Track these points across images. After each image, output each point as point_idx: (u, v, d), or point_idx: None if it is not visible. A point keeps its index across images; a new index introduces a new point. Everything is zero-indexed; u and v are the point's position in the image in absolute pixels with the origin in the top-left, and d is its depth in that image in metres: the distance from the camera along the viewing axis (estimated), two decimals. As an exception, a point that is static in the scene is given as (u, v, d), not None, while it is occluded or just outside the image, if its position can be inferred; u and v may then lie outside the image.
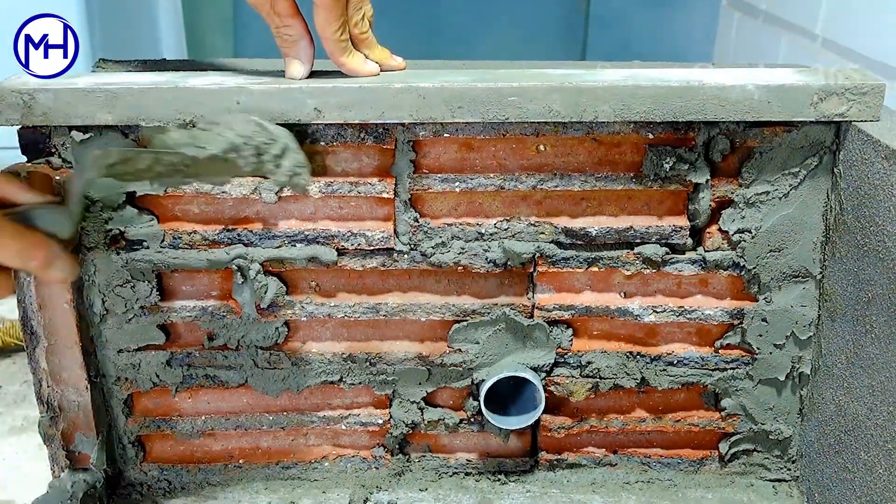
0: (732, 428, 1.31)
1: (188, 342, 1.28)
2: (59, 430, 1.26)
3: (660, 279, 1.25)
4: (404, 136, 1.16)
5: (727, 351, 1.27)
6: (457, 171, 1.18)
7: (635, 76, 1.14)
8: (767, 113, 1.12)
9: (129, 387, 1.28)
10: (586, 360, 1.28)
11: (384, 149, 1.17)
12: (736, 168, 1.18)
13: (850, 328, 1.14)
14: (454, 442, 1.36)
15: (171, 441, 1.34)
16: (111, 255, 1.20)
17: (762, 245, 1.20)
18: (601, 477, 1.35)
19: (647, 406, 1.32)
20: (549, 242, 1.21)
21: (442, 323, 1.27)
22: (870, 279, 1.08)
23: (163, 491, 1.34)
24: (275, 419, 1.32)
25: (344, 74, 1.15)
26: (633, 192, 1.20)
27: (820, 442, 1.25)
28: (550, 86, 1.11)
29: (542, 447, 1.35)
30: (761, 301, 1.23)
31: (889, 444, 1.05)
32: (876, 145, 1.06)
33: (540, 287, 1.25)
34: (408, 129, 1.16)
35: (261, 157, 1.05)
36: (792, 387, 1.28)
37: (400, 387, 1.30)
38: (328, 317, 1.26)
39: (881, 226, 1.05)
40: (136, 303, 1.23)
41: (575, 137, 1.17)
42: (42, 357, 1.22)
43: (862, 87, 1.11)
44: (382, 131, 1.16)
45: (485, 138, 1.16)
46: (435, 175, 1.18)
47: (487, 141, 1.17)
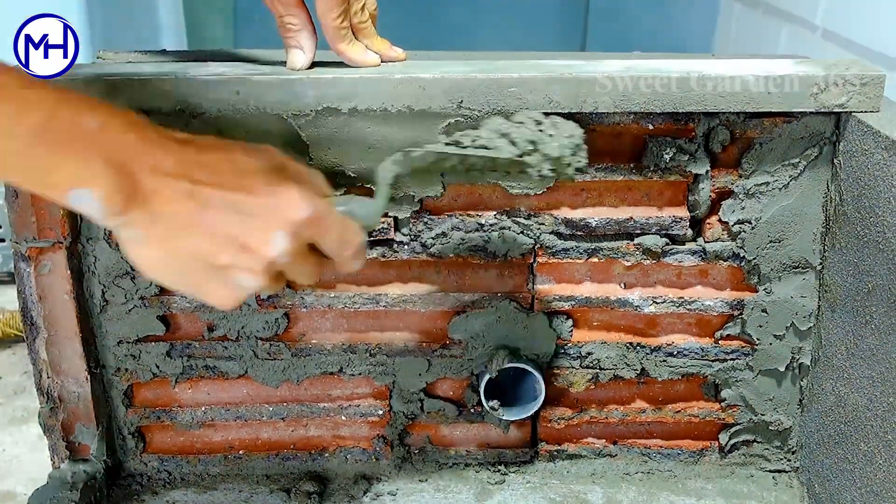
0: (732, 419, 1.31)
1: (188, 333, 1.28)
2: (59, 420, 1.26)
3: (660, 270, 1.25)
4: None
5: (727, 342, 1.27)
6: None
7: (635, 67, 1.14)
8: (767, 104, 1.12)
9: (129, 377, 1.28)
10: (586, 350, 1.28)
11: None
12: (736, 159, 1.18)
13: (850, 319, 1.14)
14: (454, 433, 1.36)
15: (171, 432, 1.34)
16: (111, 246, 1.20)
17: (762, 236, 1.20)
18: (601, 468, 1.36)
19: (647, 397, 1.32)
20: (549, 233, 1.21)
21: (442, 314, 1.27)
22: (870, 270, 1.08)
23: (163, 482, 1.34)
24: (275, 410, 1.32)
25: (345, 65, 1.15)
26: (633, 183, 1.20)
27: (820, 433, 1.25)
28: (550, 76, 1.11)
29: (542, 438, 1.35)
30: (761, 292, 1.23)
31: (889, 434, 1.05)
32: (876, 136, 1.06)
33: (540, 278, 1.25)
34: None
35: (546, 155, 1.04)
36: (792, 378, 1.28)
37: (400, 378, 1.30)
38: (328, 307, 1.26)
39: (881, 216, 1.05)
40: (136, 293, 1.23)
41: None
42: (42, 348, 1.22)
43: (862, 77, 1.11)
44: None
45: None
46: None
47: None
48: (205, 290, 0.88)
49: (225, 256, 0.86)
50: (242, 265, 0.86)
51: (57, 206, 1.15)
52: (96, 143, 0.79)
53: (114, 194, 0.80)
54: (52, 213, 1.16)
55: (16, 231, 1.17)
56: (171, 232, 0.84)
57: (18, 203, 1.15)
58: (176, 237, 0.84)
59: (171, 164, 0.83)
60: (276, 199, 0.87)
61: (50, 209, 1.16)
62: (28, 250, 1.17)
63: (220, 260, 0.86)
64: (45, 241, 1.17)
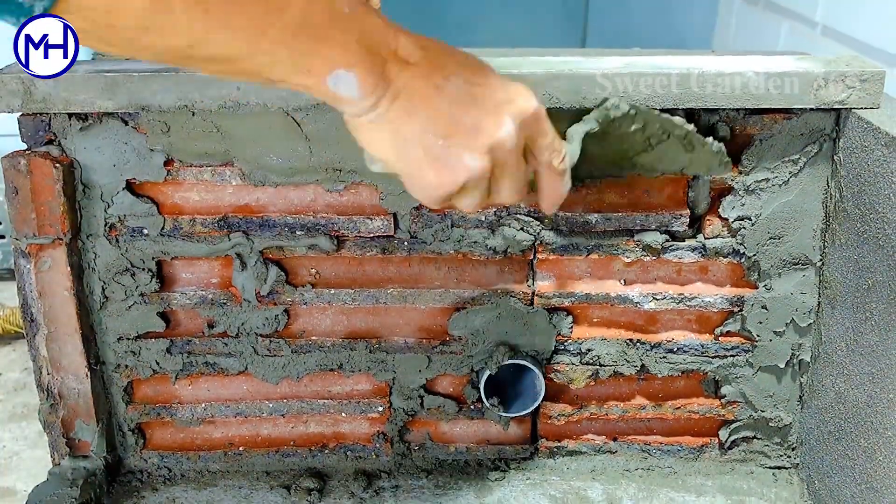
0: (732, 415, 1.32)
1: (188, 329, 1.28)
2: (59, 417, 1.26)
3: (660, 266, 1.25)
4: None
5: (727, 338, 1.28)
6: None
7: (635, 63, 1.14)
8: (767, 100, 1.12)
9: (129, 374, 1.28)
10: (586, 347, 1.28)
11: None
12: (736, 155, 1.18)
13: (849, 315, 1.14)
14: (454, 429, 1.36)
15: (171, 428, 1.34)
16: (111, 243, 1.20)
17: (762, 232, 1.20)
18: (601, 464, 1.36)
19: (647, 393, 1.33)
20: (549, 230, 1.21)
21: (442, 310, 1.27)
22: (870, 266, 1.08)
23: (163, 478, 1.34)
24: (275, 406, 1.32)
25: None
26: (633, 180, 1.19)
27: (820, 429, 1.25)
28: (551, 73, 1.11)
29: (541, 434, 1.35)
30: (761, 288, 1.23)
31: (889, 431, 1.05)
32: (876, 132, 1.06)
33: (540, 274, 1.25)
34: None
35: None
36: (792, 374, 1.28)
37: (400, 374, 1.30)
38: (328, 304, 1.26)
39: (881, 213, 1.05)
40: (136, 290, 1.23)
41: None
42: (42, 344, 1.22)
43: (862, 74, 1.11)
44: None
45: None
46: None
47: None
48: (427, 170, 0.90)
49: (457, 134, 0.89)
50: (471, 144, 0.89)
51: (58, 203, 1.15)
52: (351, 27, 0.83)
53: (367, 75, 0.83)
54: (53, 209, 1.16)
55: (16, 228, 1.17)
56: (410, 111, 0.87)
57: (19, 199, 1.15)
58: (413, 116, 0.88)
59: (414, 52, 0.87)
60: (508, 92, 0.92)
61: (50, 205, 1.16)
62: (28, 247, 1.17)
63: (452, 136, 0.89)
64: (46, 237, 1.17)
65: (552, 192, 1.00)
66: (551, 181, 0.99)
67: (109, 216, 1.19)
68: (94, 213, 1.19)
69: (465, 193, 0.92)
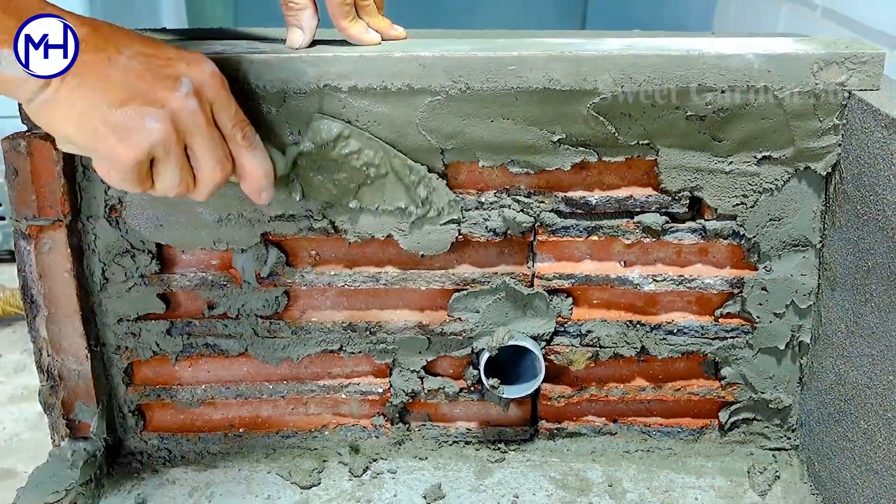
0: (732, 397, 1.32)
1: (188, 311, 1.28)
2: (60, 398, 1.26)
3: (660, 248, 1.25)
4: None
5: (727, 320, 1.28)
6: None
7: (635, 45, 1.14)
8: (767, 82, 1.11)
9: (129, 356, 1.28)
10: (586, 328, 1.28)
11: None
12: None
13: (849, 297, 1.14)
14: (454, 411, 1.36)
15: (172, 410, 1.34)
16: (111, 224, 1.20)
17: (762, 214, 1.20)
18: (601, 446, 1.36)
19: (647, 375, 1.33)
20: (548, 211, 1.21)
21: (442, 292, 1.27)
22: (869, 248, 1.08)
23: (163, 460, 1.34)
24: (275, 388, 1.32)
25: (344, 44, 1.15)
26: (633, 161, 1.19)
27: (820, 411, 1.25)
28: (550, 55, 1.11)
29: (541, 416, 1.35)
30: (761, 270, 1.23)
31: (888, 412, 1.05)
32: (876, 114, 1.06)
33: (540, 256, 1.25)
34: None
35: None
36: (792, 356, 1.29)
37: (400, 356, 1.30)
38: (328, 286, 1.26)
39: (881, 195, 1.05)
40: (137, 271, 1.23)
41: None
42: (42, 326, 1.22)
43: (861, 56, 1.11)
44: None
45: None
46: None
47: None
48: (110, 140, 0.91)
49: (134, 100, 0.91)
50: (150, 108, 0.91)
51: (58, 184, 1.15)
52: (7, 7, 0.87)
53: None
54: (53, 190, 1.16)
55: (16, 209, 1.17)
56: (83, 85, 0.89)
57: (19, 181, 1.15)
58: (87, 90, 0.89)
59: (80, 28, 0.90)
60: (184, 58, 0.96)
61: (50, 187, 1.15)
62: (28, 228, 1.17)
63: (129, 104, 0.91)
64: (46, 219, 1.17)
65: (250, 172, 1.03)
66: (244, 159, 1.02)
67: (109, 198, 1.19)
68: (95, 195, 1.19)
69: (159, 167, 0.95)
